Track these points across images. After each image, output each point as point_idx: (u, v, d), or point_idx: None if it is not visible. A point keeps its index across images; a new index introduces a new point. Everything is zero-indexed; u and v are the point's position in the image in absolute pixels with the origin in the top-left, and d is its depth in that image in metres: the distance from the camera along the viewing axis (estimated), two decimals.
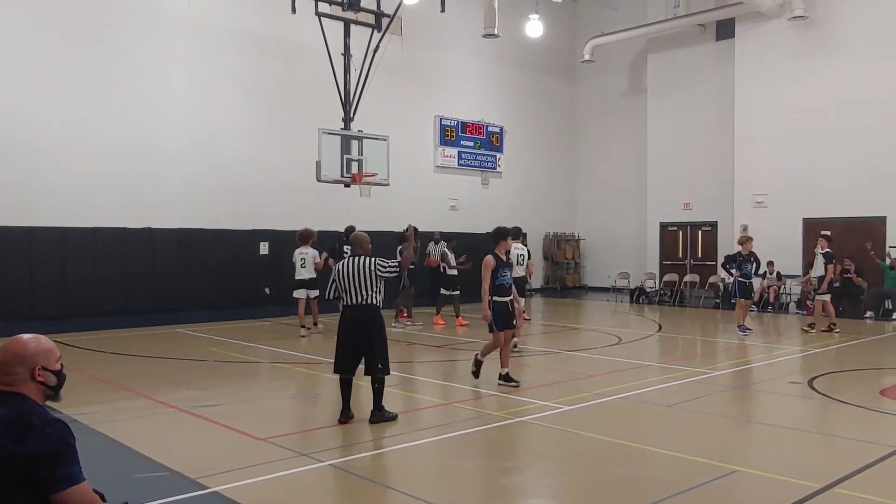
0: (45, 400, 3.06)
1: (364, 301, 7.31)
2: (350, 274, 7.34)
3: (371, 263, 7.34)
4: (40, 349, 3.05)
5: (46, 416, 2.92)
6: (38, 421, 2.85)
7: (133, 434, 6.86)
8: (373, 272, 7.30)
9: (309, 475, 5.79)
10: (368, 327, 7.34)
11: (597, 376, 9.98)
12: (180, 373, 10.46)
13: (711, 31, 22.09)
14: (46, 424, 2.85)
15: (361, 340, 7.34)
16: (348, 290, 7.34)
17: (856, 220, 18.28)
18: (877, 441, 6.74)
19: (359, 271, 7.32)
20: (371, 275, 7.30)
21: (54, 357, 3.09)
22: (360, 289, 7.30)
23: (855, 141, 18.39)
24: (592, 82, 25.91)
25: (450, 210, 22.11)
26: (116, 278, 15.59)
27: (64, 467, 2.82)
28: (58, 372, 3.09)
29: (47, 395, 3.06)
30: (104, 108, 15.68)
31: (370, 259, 7.39)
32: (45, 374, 3.02)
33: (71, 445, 2.88)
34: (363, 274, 7.30)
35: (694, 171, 22.24)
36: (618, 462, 6.16)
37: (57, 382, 3.09)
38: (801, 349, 12.74)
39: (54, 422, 2.89)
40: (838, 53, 18.73)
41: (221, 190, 17.28)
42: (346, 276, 7.35)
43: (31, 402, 2.95)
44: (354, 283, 7.31)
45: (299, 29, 16.57)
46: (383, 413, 7.39)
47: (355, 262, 7.39)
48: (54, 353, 3.10)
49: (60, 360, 3.13)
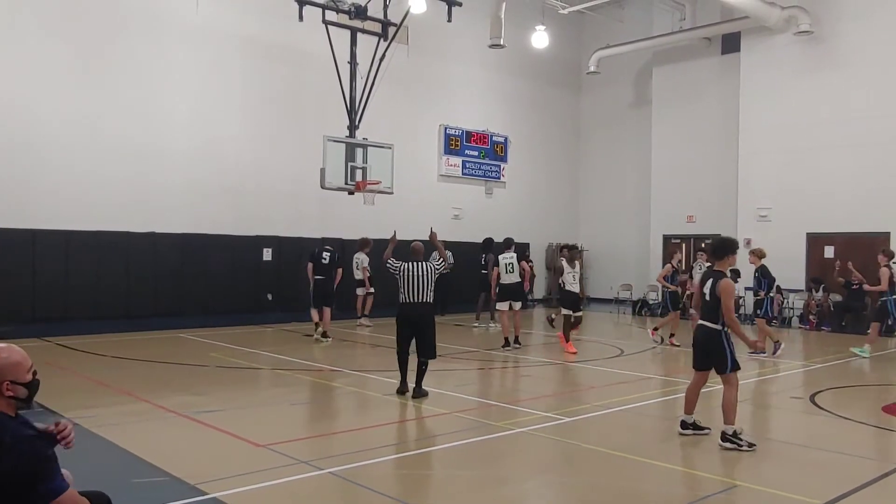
0: (17, 411, 2.96)
1: (422, 299, 8.90)
2: (413, 275, 8.92)
3: (430, 268, 9.05)
4: (8, 363, 2.94)
5: (19, 433, 2.84)
6: (11, 440, 2.77)
7: (132, 438, 6.84)
8: (433, 272, 9.01)
9: (309, 483, 5.77)
10: (425, 320, 8.97)
11: (598, 388, 9.95)
12: (181, 378, 10.45)
13: (717, 44, 22.12)
14: (19, 443, 2.77)
15: (419, 331, 8.94)
16: (410, 289, 8.90)
17: (859, 236, 18.25)
18: (879, 458, 6.71)
19: (421, 273, 8.95)
20: (431, 274, 8.98)
21: (24, 369, 2.98)
22: (421, 289, 8.92)
23: (859, 156, 18.38)
24: (598, 94, 25.95)
25: (453, 219, 22.11)
26: (118, 282, 15.60)
27: (45, 483, 2.76)
28: (28, 383, 2.99)
29: (18, 407, 2.96)
30: (110, 112, 15.73)
31: (429, 264, 9.11)
32: (15, 388, 2.92)
33: (49, 459, 2.81)
34: (425, 275, 8.95)
35: (698, 184, 22.23)
36: (619, 475, 6.13)
37: (28, 394, 2.98)
38: (804, 364, 12.70)
39: (28, 439, 2.81)
40: (843, 69, 18.74)
41: (225, 195, 17.30)
42: (410, 278, 8.91)
43: (2, 417, 2.86)
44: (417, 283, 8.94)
45: (306, 37, 16.63)
46: (422, 390, 8.90)
47: (417, 266, 8.97)
48: (23, 364, 2.99)
49: (32, 369, 3.03)
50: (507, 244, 14.55)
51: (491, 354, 13.33)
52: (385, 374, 10.24)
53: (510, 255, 14.07)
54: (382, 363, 11.99)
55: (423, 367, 8.88)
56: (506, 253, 14.22)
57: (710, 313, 7.06)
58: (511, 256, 14.04)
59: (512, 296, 13.95)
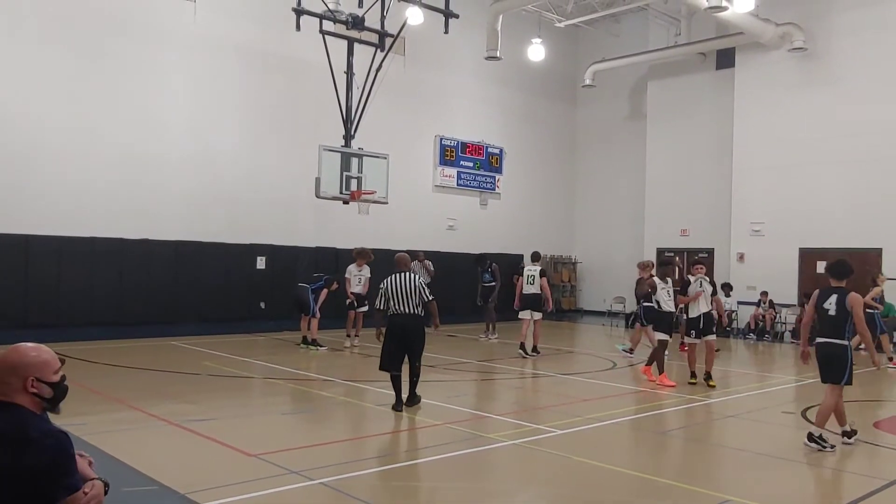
0: (42, 411, 2.99)
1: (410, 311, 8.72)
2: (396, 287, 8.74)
3: (416, 279, 8.84)
4: (37, 360, 2.97)
5: (45, 427, 2.87)
6: (37, 434, 2.81)
7: (123, 446, 6.81)
8: (416, 285, 8.78)
9: (299, 493, 5.75)
10: (414, 332, 8.80)
11: (591, 401, 9.95)
12: (173, 386, 10.41)
13: (712, 59, 22.26)
14: (46, 437, 2.81)
15: (408, 344, 8.80)
16: (398, 302, 8.72)
17: (852, 251, 18.32)
18: (870, 474, 6.73)
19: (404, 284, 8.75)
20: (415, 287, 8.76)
21: (51, 369, 3.00)
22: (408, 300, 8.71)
23: (852, 173, 18.50)
24: (593, 107, 26.06)
25: (447, 230, 22.14)
26: (112, 289, 15.55)
27: (66, 477, 2.80)
28: (55, 384, 3.01)
29: (44, 407, 2.99)
30: (105, 119, 15.73)
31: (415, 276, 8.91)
32: (39, 386, 2.95)
33: (71, 455, 2.86)
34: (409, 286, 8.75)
35: (692, 198, 22.31)
36: (610, 488, 6.13)
37: (53, 395, 3.00)
38: (796, 379, 12.72)
39: (54, 433, 2.84)
40: (837, 85, 18.88)
41: (220, 203, 17.29)
42: (394, 290, 8.74)
43: (27, 412, 2.89)
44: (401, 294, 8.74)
45: (303, 46, 16.68)
46: (416, 397, 8.89)
47: (400, 278, 8.78)
48: (51, 364, 3.01)
49: (60, 371, 3.04)
50: (534, 258, 15.26)
51: (484, 366, 13.33)
52: (377, 385, 10.22)
53: (534, 268, 14.65)
54: (375, 373, 11.98)
55: (415, 378, 8.82)
56: (531, 265, 14.94)
57: (836, 329, 7.30)
58: (535, 269, 14.61)
59: (532, 305, 14.42)
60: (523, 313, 14.53)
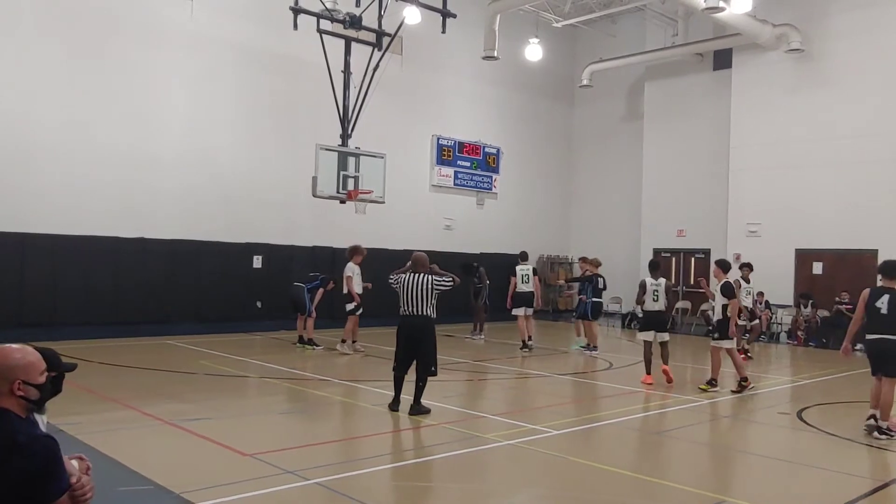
0: (28, 413, 2.95)
1: (420, 312, 8.60)
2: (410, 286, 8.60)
3: (429, 280, 8.65)
4: (23, 362, 2.92)
5: (32, 432, 2.84)
6: (25, 439, 2.77)
7: (118, 446, 6.80)
8: (432, 286, 8.61)
9: (295, 493, 5.75)
10: (422, 332, 8.63)
11: (586, 401, 9.96)
12: (168, 385, 10.39)
13: (709, 60, 22.29)
14: (33, 442, 2.78)
15: (416, 345, 8.65)
16: (408, 302, 8.59)
17: (847, 253, 18.39)
18: (864, 474, 6.74)
19: (418, 284, 8.60)
20: (430, 287, 8.59)
21: (37, 370, 2.96)
22: (418, 301, 8.60)
23: (848, 174, 18.52)
24: (590, 107, 26.08)
25: (444, 229, 22.13)
26: (107, 287, 15.51)
27: (56, 481, 2.78)
28: (41, 385, 2.97)
29: (29, 409, 2.95)
30: (101, 117, 15.68)
31: (428, 276, 8.69)
32: (26, 389, 2.90)
33: (60, 459, 2.83)
34: (422, 287, 8.59)
35: (688, 199, 22.34)
36: (606, 489, 6.14)
37: (40, 396, 2.98)
38: (791, 379, 12.75)
39: (41, 438, 2.82)
40: (833, 87, 18.91)
41: (216, 202, 17.26)
42: (407, 289, 8.60)
43: (14, 417, 2.85)
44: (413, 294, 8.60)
45: (300, 45, 16.64)
46: (420, 407, 8.55)
47: (415, 278, 8.65)
48: (37, 366, 2.97)
49: (45, 372, 3.01)
50: (522, 257, 16.03)
51: (480, 365, 13.34)
52: (374, 385, 10.23)
53: (526, 267, 15.66)
54: (372, 373, 11.99)
55: (420, 384, 8.64)
56: (522, 265, 15.71)
57: (890, 325, 7.79)
58: (527, 268, 15.64)
59: (526, 303, 15.48)
60: (517, 310, 15.43)
